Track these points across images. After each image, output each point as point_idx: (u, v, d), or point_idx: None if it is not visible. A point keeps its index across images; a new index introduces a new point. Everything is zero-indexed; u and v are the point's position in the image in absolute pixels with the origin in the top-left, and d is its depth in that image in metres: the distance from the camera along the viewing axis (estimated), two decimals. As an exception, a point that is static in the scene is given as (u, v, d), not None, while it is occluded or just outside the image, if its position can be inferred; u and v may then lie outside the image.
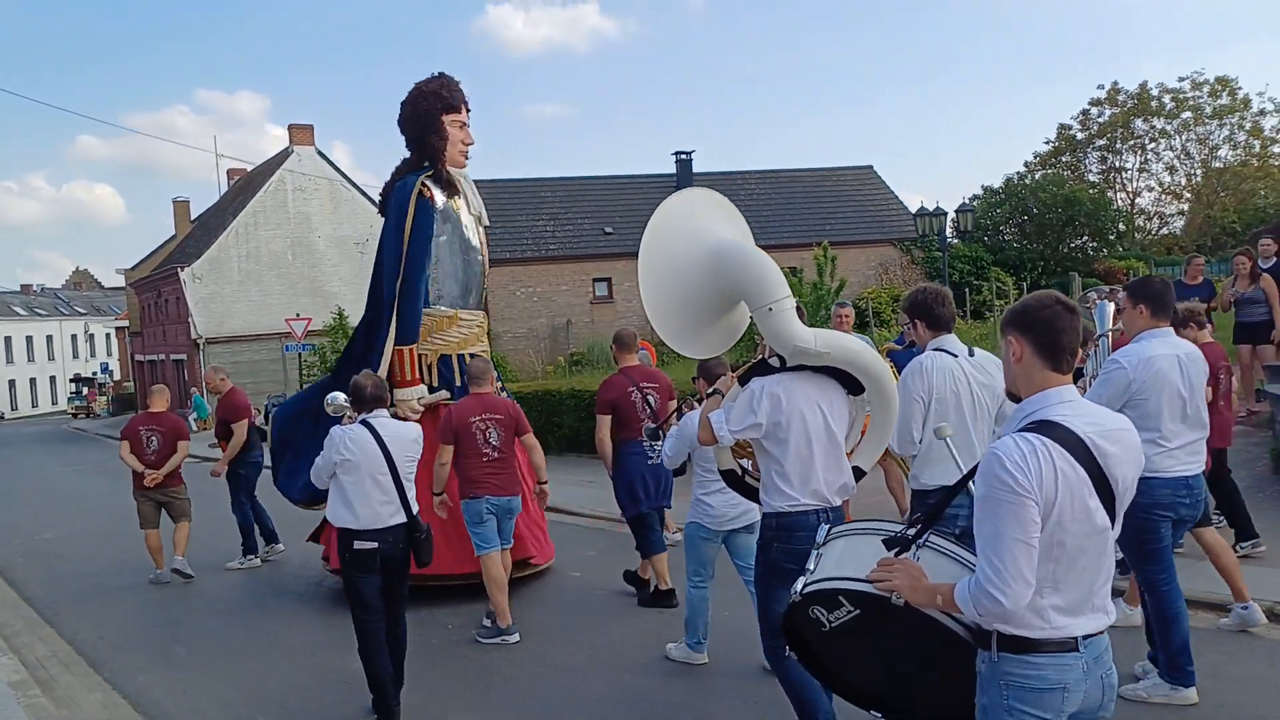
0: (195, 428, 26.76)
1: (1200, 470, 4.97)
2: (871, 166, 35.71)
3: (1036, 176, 41.06)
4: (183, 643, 7.44)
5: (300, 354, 27.85)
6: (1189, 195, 45.70)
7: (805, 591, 3.06)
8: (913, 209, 34.18)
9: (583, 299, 30.03)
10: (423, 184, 8.27)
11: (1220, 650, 5.58)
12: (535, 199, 32.03)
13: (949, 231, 34.19)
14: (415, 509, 5.46)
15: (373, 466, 5.31)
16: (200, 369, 34.30)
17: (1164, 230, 46.69)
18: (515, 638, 6.75)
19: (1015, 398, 2.81)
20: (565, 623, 7.27)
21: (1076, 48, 73.73)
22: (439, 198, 8.36)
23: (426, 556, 5.51)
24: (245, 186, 40.54)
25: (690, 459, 5.64)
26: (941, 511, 3.05)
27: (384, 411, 5.56)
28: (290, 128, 37.62)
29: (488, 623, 6.87)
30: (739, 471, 4.79)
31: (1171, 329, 4.98)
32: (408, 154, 8.64)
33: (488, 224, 9.13)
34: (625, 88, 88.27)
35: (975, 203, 34.68)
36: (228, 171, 45.08)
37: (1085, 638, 2.62)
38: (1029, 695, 2.59)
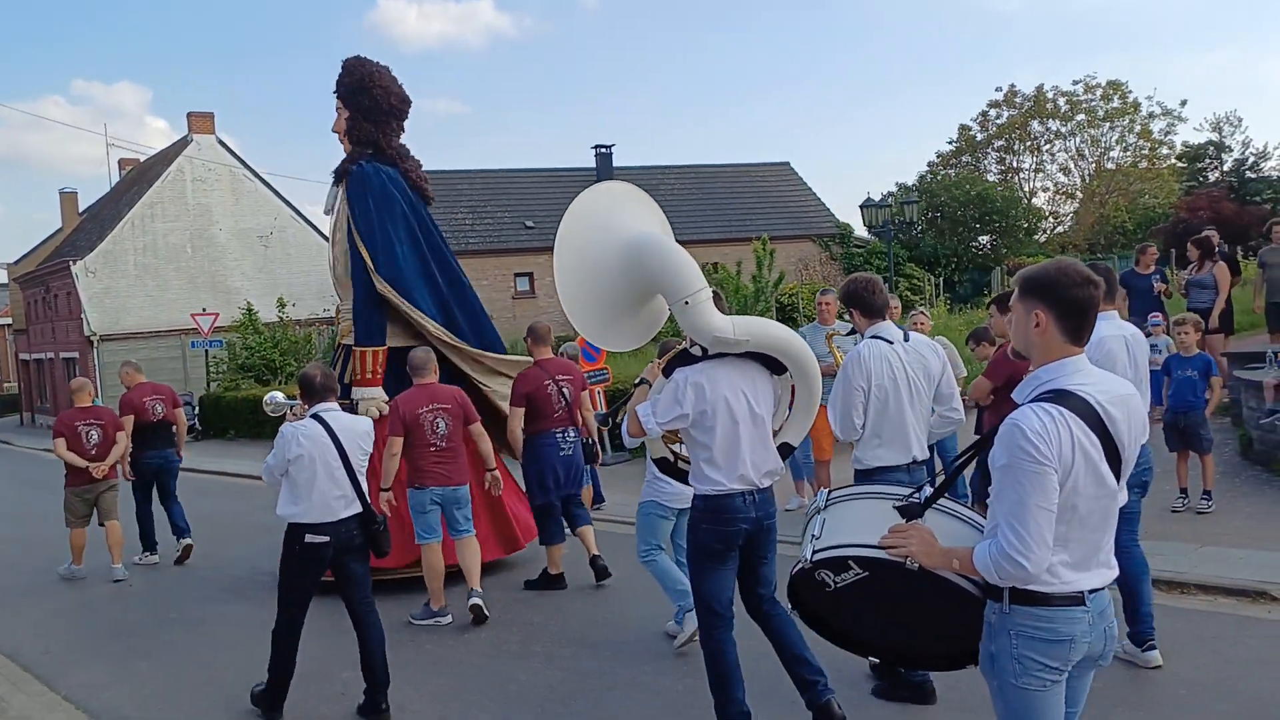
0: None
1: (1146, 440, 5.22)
2: (789, 163, 36.03)
3: (952, 174, 41.91)
4: (141, 653, 6.87)
5: (208, 350, 26.66)
6: (1079, 195, 47.27)
7: (816, 559, 3.11)
8: (828, 206, 34.64)
9: (504, 294, 29.51)
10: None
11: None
12: (452, 191, 31.35)
13: (863, 229, 34.74)
14: (369, 500, 5.45)
15: (326, 460, 5.24)
16: (94, 367, 32.68)
17: (1059, 229, 48.30)
18: (448, 619, 6.93)
19: (1020, 356, 2.97)
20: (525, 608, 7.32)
21: (976, 51, 75.99)
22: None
23: (385, 546, 5.51)
24: (140, 177, 38.69)
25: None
26: (954, 480, 3.11)
27: (334, 404, 5.50)
28: (189, 115, 36.01)
29: (421, 614, 7.03)
30: (671, 458, 4.99)
31: (1116, 312, 5.23)
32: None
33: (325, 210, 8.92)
34: (523, 84, 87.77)
35: (889, 199, 35.28)
36: (119, 161, 42.91)
37: (1091, 592, 2.75)
38: (1038, 645, 2.71)
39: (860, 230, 33.89)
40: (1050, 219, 46.70)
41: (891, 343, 4.87)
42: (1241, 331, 12.98)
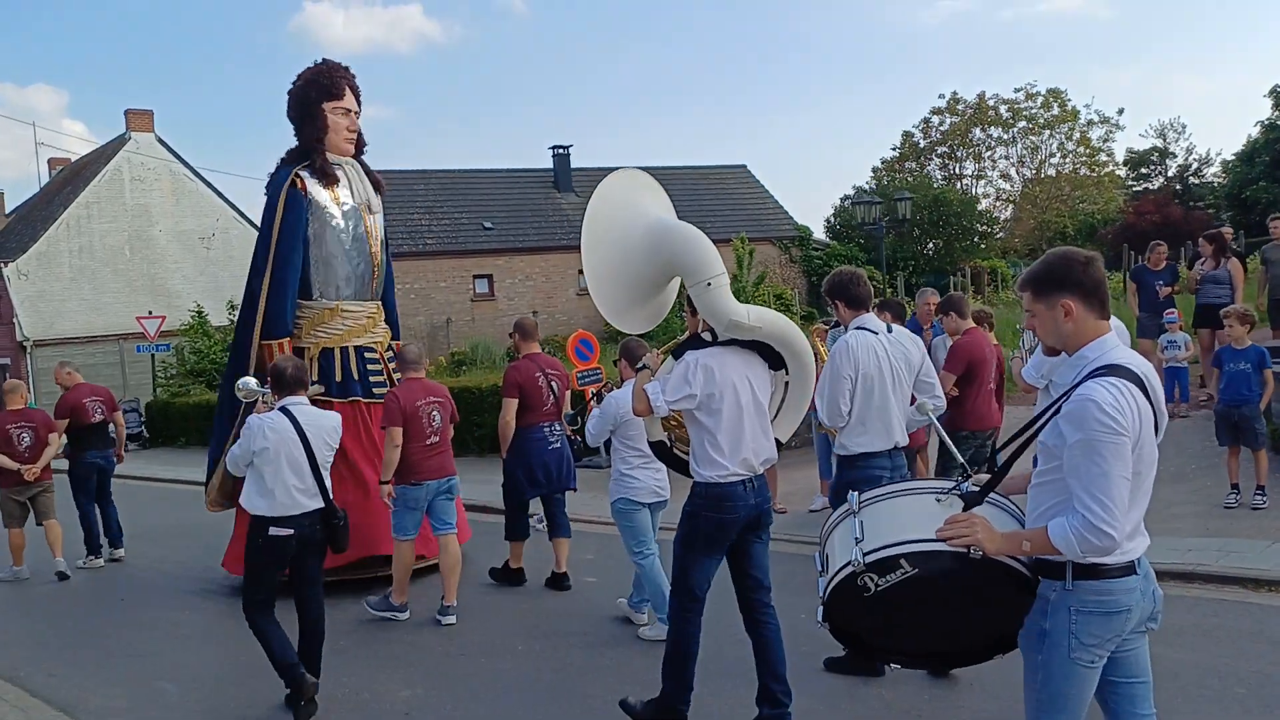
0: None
1: None
2: (745, 166, 35.88)
3: (910, 178, 42.19)
4: (166, 676, 6.29)
5: (154, 355, 25.59)
6: (1016, 201, 48.05)
7: (868, 561, 3.01)
8: (785, 208, 34.57)
9: (463, 296, 28.86)
10: (296, 175, 8.24)
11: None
12: (408, 192, 30.60)
13: (822, 233, 34.78)
14: (331, 495, 5.45)
15: (291, 454, 5.28)
16: (27, 373, 31.26)
17: (999, 235, 49.08)
18: (405, 615, 7.01)
19: (1053, 352, 3.02)
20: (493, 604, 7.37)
21: (920, 60, 77.30)
22: (314, 189, 8.31)
23: (343, 542, 5.51)
24: (73, 176, 37.16)
25: (612, 437, 6.20)
26: (1009, 469, 3.07)
27: (303, 398, 5.52)
28: (128, 113, 34.67)
29: (379, 603, 7.07)
30: (668, 442, 5.01)
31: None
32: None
33: (377, 211, 8.83)
34: (456, 89, 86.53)
35: (846, 203, 35.37)
36: (49, 161, 41.22)
37: (1139, 559, 2.84)
38: (1097, 619, 2.77)
39: (819, 233, 34.00)
40: (993, 224, 47.37)
41: (876, 333, 5.04)
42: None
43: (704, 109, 79.91)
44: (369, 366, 8.49)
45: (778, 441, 4.82)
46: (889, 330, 5.16)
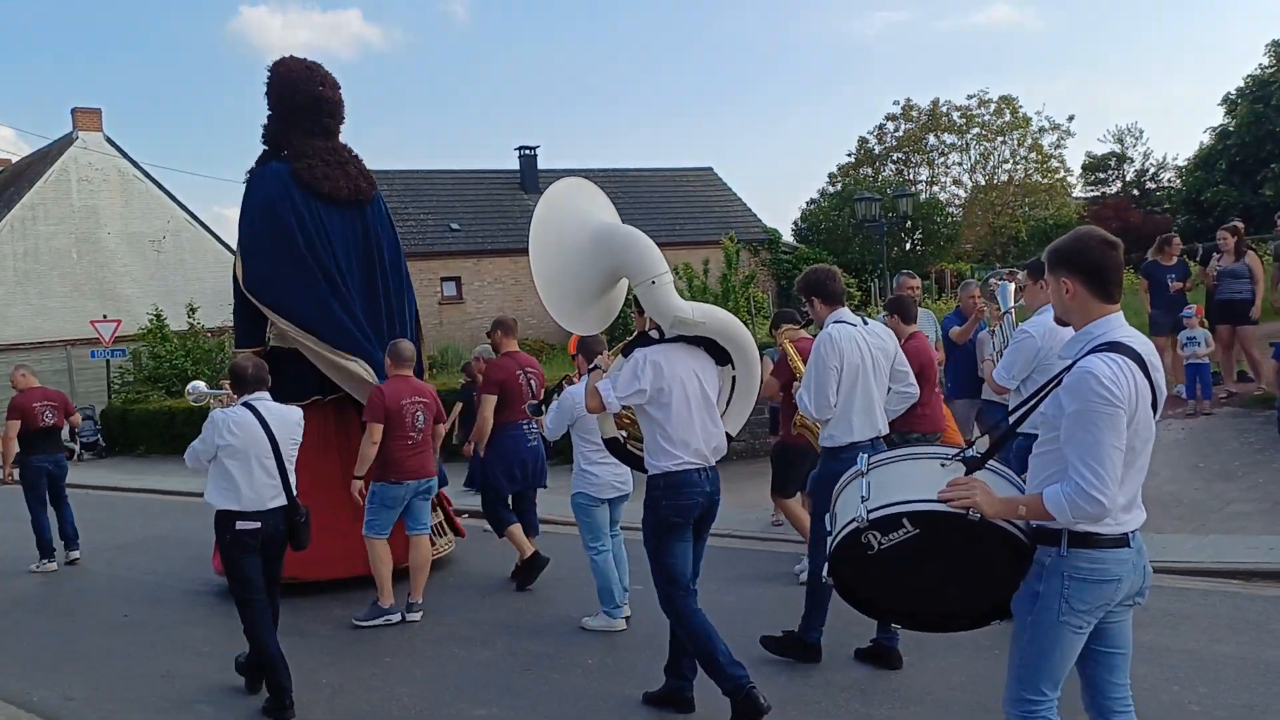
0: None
1: None
2: (711, 168, 35.70)
3: (880, 179, 42.29)
4: (201, 698, 5.77)
5: (109, 360, 24.63)
6: (964, 206, 48.43)
7: (871, 518, 3.13)
8: (754, 211, 34.45)
9: (430, 299, 28.19)
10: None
11: None
12: (370, 193, 29.92)
13: (789, 236, 34.71)
14: (295, 492, 5.48)
15: (257, 449, 5.31)
16: (-31, 382, 29.97)
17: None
18: (398, 617, 6.88)
19: (1063, 323, 3.20)
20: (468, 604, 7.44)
21: (894, 67, 78.10)
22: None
23: (304, 539, 5.56)
24: (17, 176, 35.81)
25: (571, 432, 6.33)
26: (1010, 438, 3.34)
27: (266, 394, 5.54)
28: (75, 111, 33.45)
29: (368, 614, 6.92)
30: (621, 439, 5.23)
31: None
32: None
33: None
34: (401, 94, 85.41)
35: (813, 206, 35.35)
36: (-13, 162, 39.80)
37: (1133, 532, 2.97)
38: (1089, 586, 2.91)
39: (787, 236, 33.93)
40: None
41: (854, 325, 5.18)
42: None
43: (665, 113, 79.84)
44: None
45: (728, 436, 5.01)
46: (865, 323, 5.33)
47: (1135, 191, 40.78)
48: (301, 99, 8.31)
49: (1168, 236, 11.68)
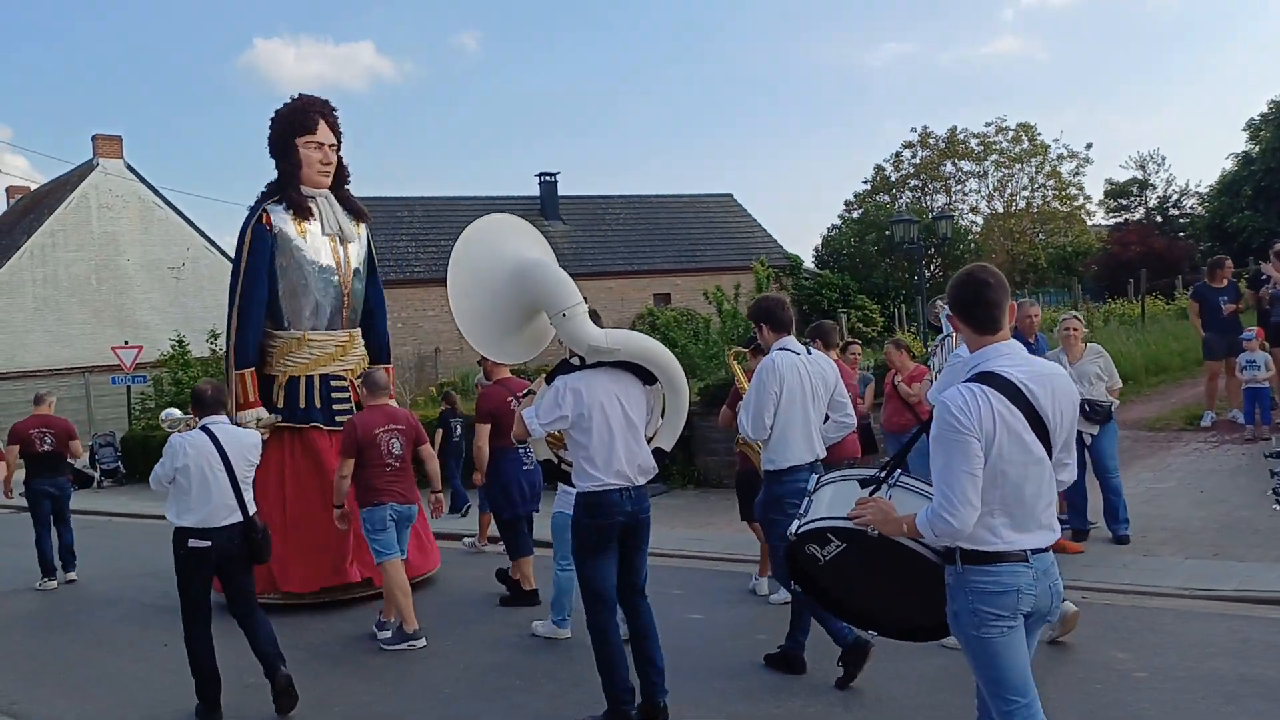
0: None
1: None
2: (731, 195, 35.56)
3: (902, 204, 42.08)
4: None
5: (130, 387, 24.46)
6: (980, 235, 48.16)
7: (799, 532, 3.48)
8: (774, 237, 34.28)
9: (450, 326, 27.80)
10: (264, 211, 8.62)
11: None
12: (392, 219, 29.83)
13: (810, 262, 34.51)
14: (252, 510, 5.66)
15: (211, 468, 5.52)
16: (-13, 408, 29.87)
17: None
18: (422, 643, 6.88)
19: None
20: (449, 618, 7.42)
21: (902, 96, 78.35)
22: (281, 224, 8.65)
23: (264, 554, 5.73)
24: (36, 204, 35.87)
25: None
26: (903, 458, 3.51)
27: (223, 417, 5.84)
28: (95, 138, 33.57)
29: (388, 633, 6.98)
30: (555, 460, 5.59)
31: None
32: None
33: (353, 240, 9.12)
34: (412, 126, 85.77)
35: (834, 232, 35.13)
36: (8, 189, 39.90)
37: (1034, 552, 3.13)
38: (989, 598, 3.08)
39: (806, 262, 33.73)
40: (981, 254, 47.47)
41: (797, 354, 5.38)
42: None
43: (680, 142, 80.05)
44: (334, 394, 8.76)
45: (662, 451, 5.33)
46: (809, 352, 5.51)
47: (1158, 218, 40.46)
48: (279, 130, 8.88)
49: (1219, 260, 11.47)
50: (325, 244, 8.85)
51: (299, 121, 8.76)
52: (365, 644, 7.11)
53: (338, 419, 8.43)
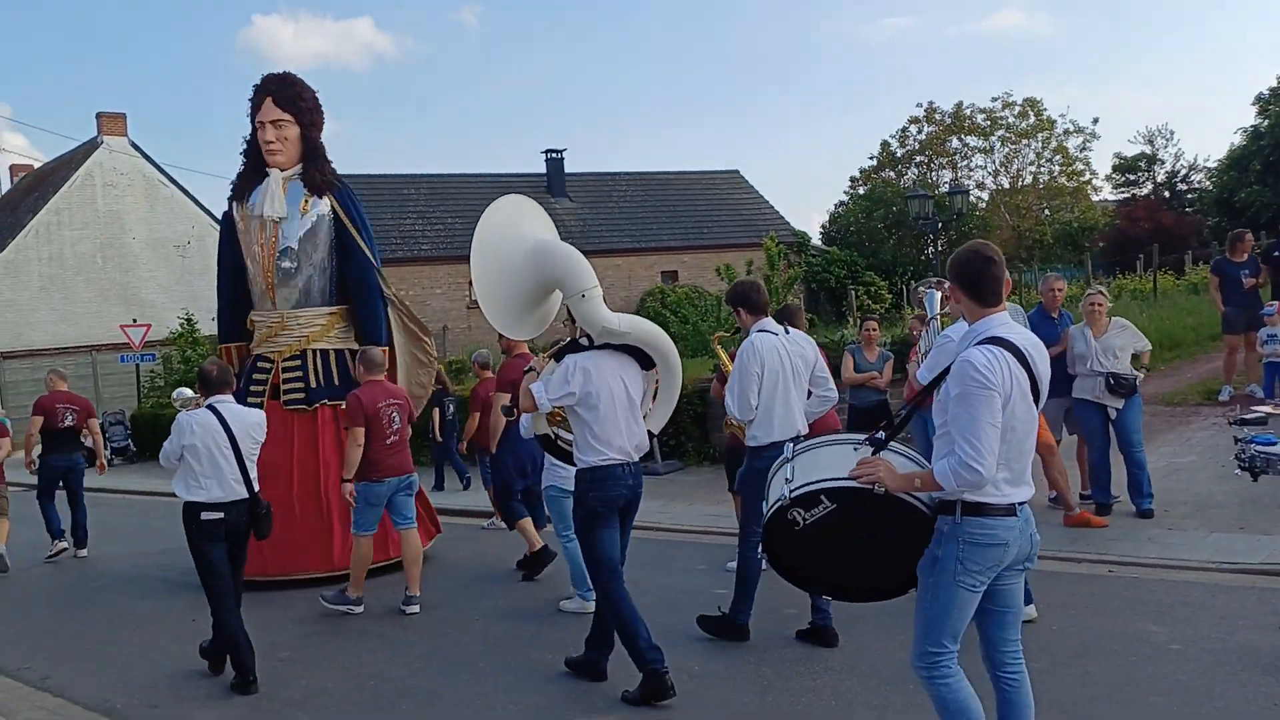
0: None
1: None
2: (738, 171, 35.44)
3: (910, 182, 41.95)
4: (296, 704, 5.51)
5: (139, 365, 24.46)
6: (986, 210, 47.96)
7: (793, 495, 3.59)
8: (781, 214, 34.19)
9: (458, 303, 27.94)
10: (229, 200, 9.13)
11: None
12: (398, 196, 29.77)
13: (817, 238, 34.41)
14: (256, 487, 5.86)
15: (218, 445, 5.70)
16: (-4, 386, 29.94)
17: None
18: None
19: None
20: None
21: (906, 71, 77.91)
22: (234, 209, 9.06)
23: (266, 529, 5.94)
24: (40, 182, 35.76)
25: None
26: (904, 426, 3.73)
27: (229, 396, 5.98)
28: (99, 116, 33.41)
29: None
30: (553, 436, 5.72)
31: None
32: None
33: (279, 218, 8.86)
34: (414, 102, 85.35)
35: (841, 209, 35.00)
36: (10, 168, 39.80)
37: (1020, 504, 3.40)
38: (980, 550, 3.33)
39: (815, 239, 33.63)
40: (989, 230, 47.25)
41: (776, 334, 5.60)
42: None
43: (683, 118, 79.66)
44: (254, 375, 8.88)
45: (651, 433, 5.53)
46: (788, 332, 5.72)
47: (1166, 193, 40.27)
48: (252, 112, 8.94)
49: (1239, 234, 11.38)
50: (255, 225, 8.90)
51: (251, 102, 8.93)
52: (394, 618, 7.16)
53: (249, 401, 8.22)
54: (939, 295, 7.03)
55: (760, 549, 3.78)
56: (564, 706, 5.20)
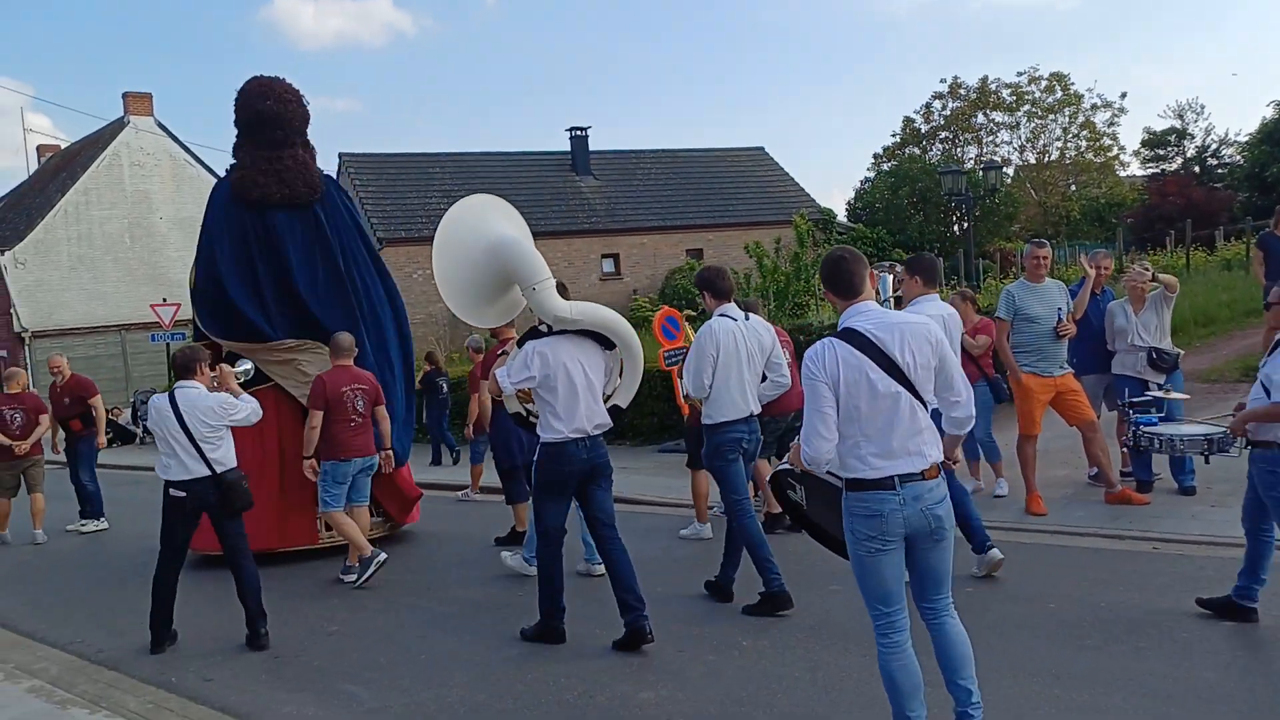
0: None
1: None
2: (763, 148, 35.20)
3: (935, 158, 41.59)
4: (349, 678, 5.58)
5: (169, 344, 24.63)
6: (1012, 186, 47.54)
7: (776, 472, 4.50)
8: (807, 191, 34.02)
9: (484, 282, 27.96)
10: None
11: None
12: (424, 175, 29.75)
13: (843, 215, 34.23)
14: (229, 465, 6.22)
15: (170, 430, 6.10)
16: (27, 364, 30.19)
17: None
18: (384, 556, 7.62)
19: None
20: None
21: (926, 45, 77.15)
22: None
23: (237, 503, 6.25)
24: (68, 162, 35.97)
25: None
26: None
27: (193, 382, 6.27)
28: (126, 96, 33.55)
29: (353, 575, 7.62)
30: (524, 413, 6.23)
31: (937, 295, 6.20)
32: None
33: None
34: (435, 81, 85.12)
35: (867, 185, 34.77)
36: (38, 148, 40.02)
37: (901, 478, 3.67)
38: (861, 520, 3.72)
39: (841, 216, 33.45)
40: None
41: (735, 320, 6.03)
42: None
43: (705, 97, 79.21)
44: None
45: (619, 409, 5.97)
46: (747, 318, 6.15)
47: (1196, 168, 39.75)
48: (248, 114, 9.06)
49: (1283, 210, 11.22)
50: None
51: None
52: (435, 592, 7.21)
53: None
54: (891, 279, 7.28)
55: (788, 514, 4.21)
56: (612, 680, 5.24)
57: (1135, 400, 7.14)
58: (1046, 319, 7.73)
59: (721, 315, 6.06)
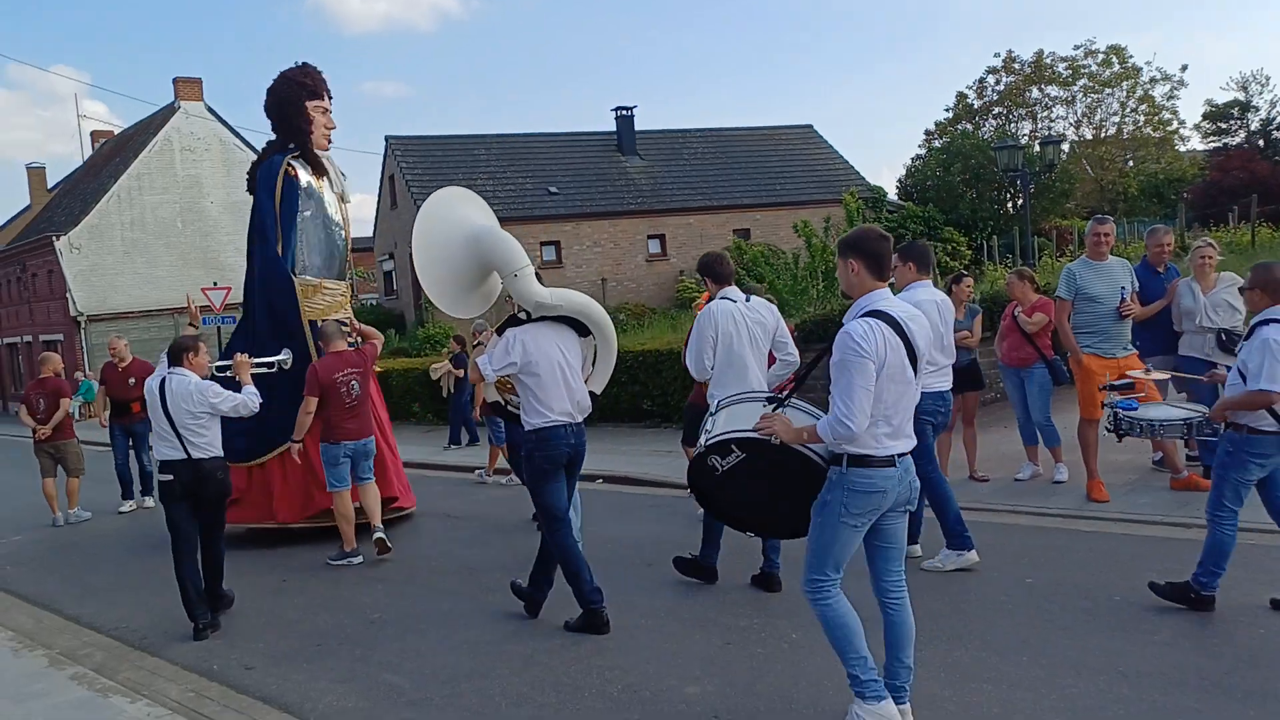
0: (79, 415, 23.46)
1: (949, 388, 6.37)
2: (811, 126, 34.73)
3: (986, 133, 40.78)
4: (389, 668, 5.49)
5: (220, 327, 24.85)
6: (1068, 161, 46.48)
7: (708, 443, 4.32)
8: (856, 169, 33.51)
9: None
10: (288, 164, 9.12)
11: None
12: (469, 157, 29.72)
13: (893, 194, 33.68)
14: (211, 453, 6.32)
15: (158, 415, 6.29)
16: (82, 349, 30.76)
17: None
18: (359, 559, 7.87)
19: (850, 298, 4.04)
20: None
21: (980, 20, 75.72)
22: (304, 176, 9.22)
23: (206, 489, 6.33)
24: (120, 148, 36.50)
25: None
26: (803, 382, 4.47)
27: (183, 369, 6.37)
28: (176, 81, 33.97)
29: (336, 556, 7.94)
30: (503, 403, 6.37)
31: (930, 281, 6.14)
32: (273, 137, 9.44)
33: (350, 202, 9.84)
34: (483, 63, 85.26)
35: (919, 162, 34.15)
36: (92, 134, 40.67)
37: (899, 455, 3.89)
38: (861, 497, 3.85)
39: (891, 194, 32.90)
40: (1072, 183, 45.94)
41: (735, 301, 6.05)
42: None
43: (762, 73, 78.52)
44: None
45: (594, 394, 5.99)
46: (747, 300, 6.16)
47: (1261, 142, 38.52)
48: (270, 99, 9.33)
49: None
50: (335, 202, 9.55)
51: (311, 86, 9.31)
52: (479, 577, 7.15)
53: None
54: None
55: (689, 492, 4.14)
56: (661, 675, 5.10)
57: (1116, 384, 6.82)
58: (1109, 298, 7.44)
59: (722, 298, 6.11)
